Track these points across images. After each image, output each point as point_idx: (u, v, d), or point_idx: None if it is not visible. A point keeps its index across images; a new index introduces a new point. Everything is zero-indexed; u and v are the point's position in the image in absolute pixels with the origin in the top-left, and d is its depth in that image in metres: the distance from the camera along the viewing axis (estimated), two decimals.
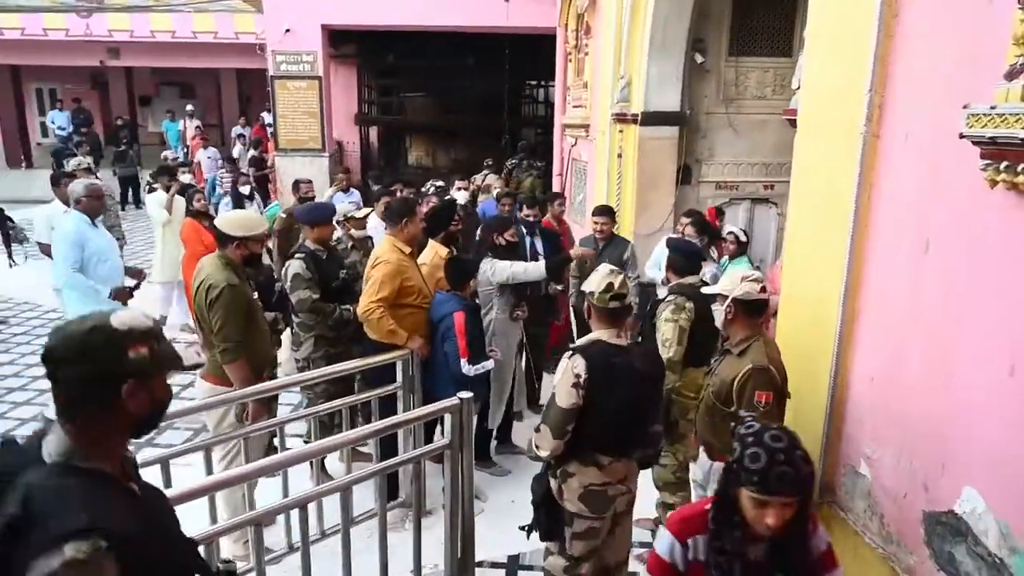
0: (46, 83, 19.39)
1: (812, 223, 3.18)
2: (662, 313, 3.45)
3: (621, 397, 2.50)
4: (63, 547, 1.13)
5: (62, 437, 1.28)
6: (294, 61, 10.59)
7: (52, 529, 1.15)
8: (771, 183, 6.79)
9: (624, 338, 2.61)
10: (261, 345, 3.50)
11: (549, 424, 2.55)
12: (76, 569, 1.13)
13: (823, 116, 3.08)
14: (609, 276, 2.59)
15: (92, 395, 1.28)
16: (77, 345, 1.26)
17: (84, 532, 1.15)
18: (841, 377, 2.98)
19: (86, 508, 1.20)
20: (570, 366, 2.52)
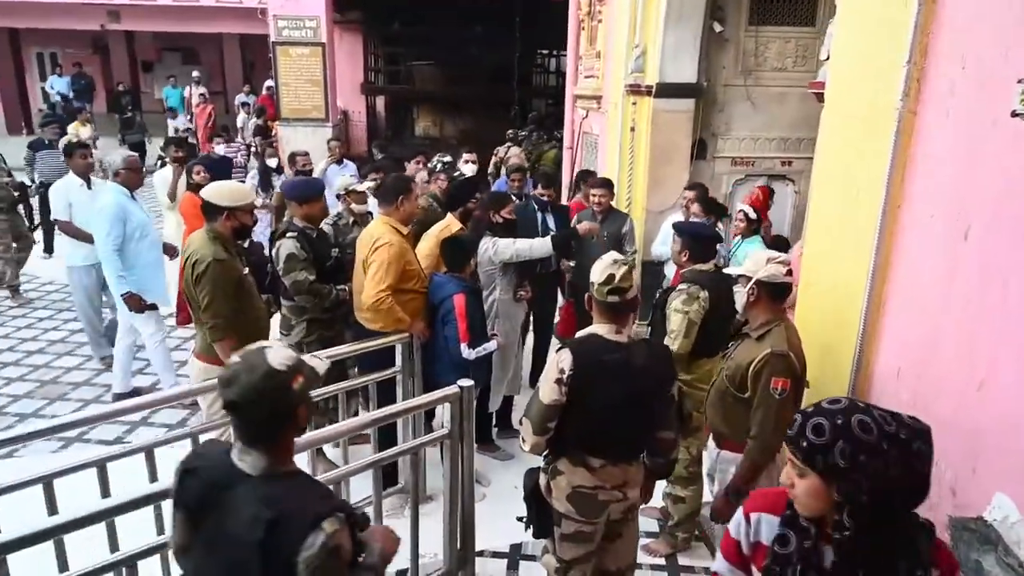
0: (47, 48, 19.13)
1: (837, 205, 2.99)
2: (672, 302, 3.27)
3: (610, 397, 2.31)
4: (322, 524, 1.50)
5: (260, 455, 1.58)
6: (296, 26, 10.25)
7: (308, 516, 1.51)
8: (789, 159, 6.55)
9: (625, 334, 2.41)
10: (255, 322, 3.36)
11: (530, 418, 2.40)
12: (336, 536, 1.51)
13: (854, 90, 2.86)
14: (611, 267, 2.37)
15: (276, 425, 1.59)
16: (256, 393, 1.53)
17: (329, 511, 1.54)
18: (864, 369, 2.81)
19: (320, 497, 1.61)
20: (556, 360, 2.37)
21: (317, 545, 1.48)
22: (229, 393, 1.53)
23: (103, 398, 5.01)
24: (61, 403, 4.95)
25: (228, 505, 1.55)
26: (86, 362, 5.61)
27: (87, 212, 5.02)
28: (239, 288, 3.23)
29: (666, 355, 2.52)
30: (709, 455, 3.01)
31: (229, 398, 1.53)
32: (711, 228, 4.32)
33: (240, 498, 1.54)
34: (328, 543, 1.49)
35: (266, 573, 1.50)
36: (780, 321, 2.68)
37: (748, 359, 2.66)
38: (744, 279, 2.76)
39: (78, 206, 5.19)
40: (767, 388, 2.58)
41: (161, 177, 6.59)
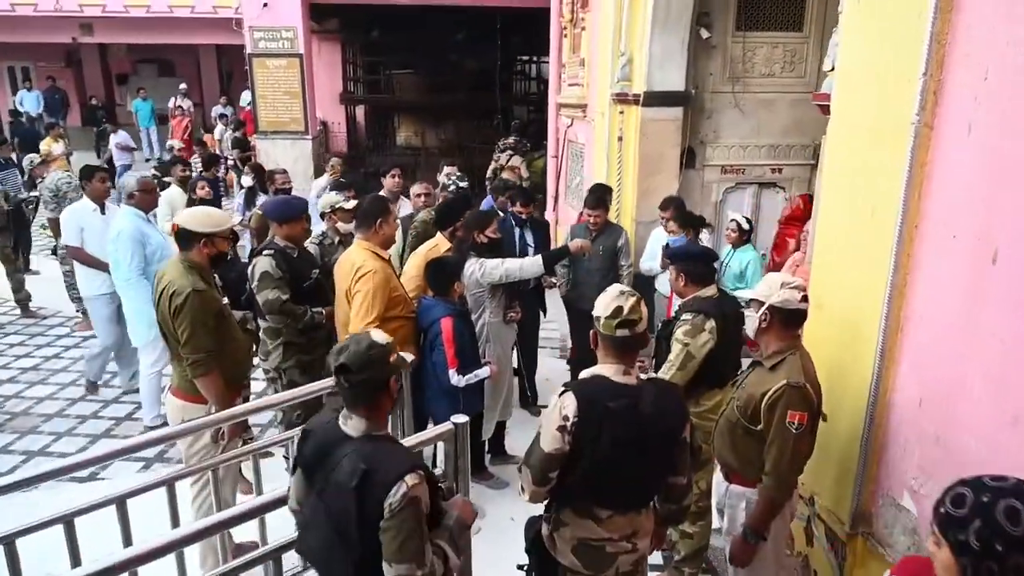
0: (19, 61, 18.66)
1: (848, 222, 2.84)
2: (676, 332, 3.07)
3: (618, 446, 2.12)
4: (405, 478, 1.80)
5: (359, 419, 1.91)
6: (272, 38, 9.99)
7: (393, 471, 1.81)
8: (779, 166, 6.44)
9: (634, 374, 2.21)
10: (235, 355, 3.16)
11: (530, 467, 2.20)
12: (415, 489, 1.81)
13: (864, 103, 2.72)
14: (618, 299, 2.17)
15: (375, 390, 1.92)
16: (363, 359, 1.87)
17: (411, 468, 1.83)
18: (882, 397, 2.66)
19: (404, 457, 1.92)
20: (559, 405, 2.16)
21: (399, 494, 1.78)
22: (340, 357, 1.87)
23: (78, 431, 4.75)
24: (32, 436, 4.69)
25: (334, 461, 1.88)
26: (58, 391, 5.34)
27: (100, 238, 4.80)
28: (220, 320, 3.02)
29: (678, 397, 2.33)
30: (717, 489, 2.84)
31: (340, 362, 1.86)
32: (702, 246, 4.18)
33: (343, 454, 1.87)
34: (408, 493, 1.79)
35: (360, 515, 1.82)
36: (795, 349, 2.52)
37: (761, 390, 2.50)
38: (756, 303, 2.59)
39: (91, 232, 4.90)
40: (783, 422, 2.42)
41: (167, 199, 6.26)
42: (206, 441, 3.00)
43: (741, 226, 4.92)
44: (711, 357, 3.01)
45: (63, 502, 2.47)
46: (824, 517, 3.00)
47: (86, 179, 5.12)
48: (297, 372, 3.62)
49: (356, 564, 1.87)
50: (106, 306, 4.93)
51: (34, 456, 4.43)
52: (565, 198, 8.87)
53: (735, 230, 4.91)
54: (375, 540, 1.83)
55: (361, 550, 1.84)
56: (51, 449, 4.52)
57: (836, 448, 2.87)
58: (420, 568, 1.83)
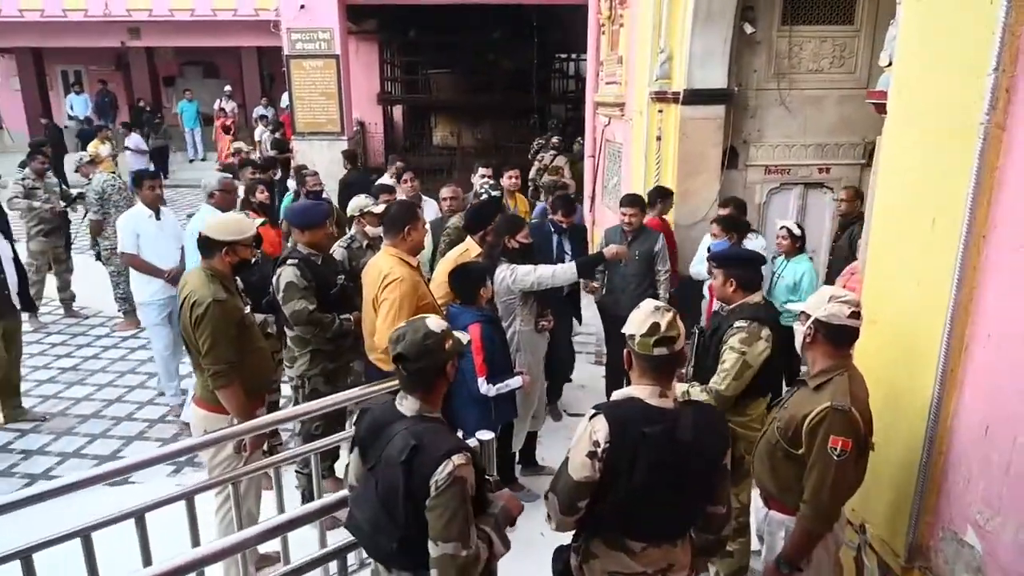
0: (71, 66, 19.25)
1: (906, 231, 2.62)
2: (729, 339, 2.91)
3: (653, 475, 1.96)
4: (452, 457, 1.86)
5: (414, 400, 2.01)
6: (309, 39, 10.02)
7: (441, 449, 1.88)
8: (826, 166, 6.16)
9: (671, 396, 2.05)
10: (258, 365, 3.11)
11: (558, 494, 2.05)
12: (461, 469, 1.86)
13: (925, 101, 2.50)
14: (654, 315, 2.01)
15: (432, 376, 2.02)
16: (419, 348, 1.97)
17: (458, 448, 1.90)
18: (942, 422, 2.45)
19: (453, 437, 2.01)
20: (589, 430, 2.00)
21: (445, 472, 1.84)
22: (398, 347, 1.97)
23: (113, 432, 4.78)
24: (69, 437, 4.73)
25: (387, 437, 1.96)
26: (95, 392, 5.39)
27: (155, 244, 4.87)
28: (241, 329, 2.96)
29: (719, 421, 2.16)
30: (757, 514, 2.66)
31: (397, 351, 1.97)
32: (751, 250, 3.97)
33: (396, 431, 1.95)
34: (454, 472, 1.84)
35: (408, 488, 1.88)
36: (844, 369, 2.33)
37: (804, 411, 2.31)
38: (803, 316, 2.41)
39: (146, 238, 4.88)
40: (824, 447, 2.23)
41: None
42: (229, 452, 2.94)
43: (793, 233, 4.62)
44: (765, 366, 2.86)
45: (86, 509, 2.44)
46: (877, 548, 2.79)
47: (136, 187, 5.12)
48: (321, 380, 3.54)
49: (400, 541, 1.94)
50: (159, 312, 4.91)
51: (69, 458, 4.47)
52: (602, 199, 8.68)
53: (786, 237, 4.62)
54: (420, 517, 1.88)
55: (406, 526, 1.91)
56: (85, 451, 4.55)
57: (890, 474, 2.65)
58: (465, 548, 1.87)
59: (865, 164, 6.05)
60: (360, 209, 4.33)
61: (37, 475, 4.24)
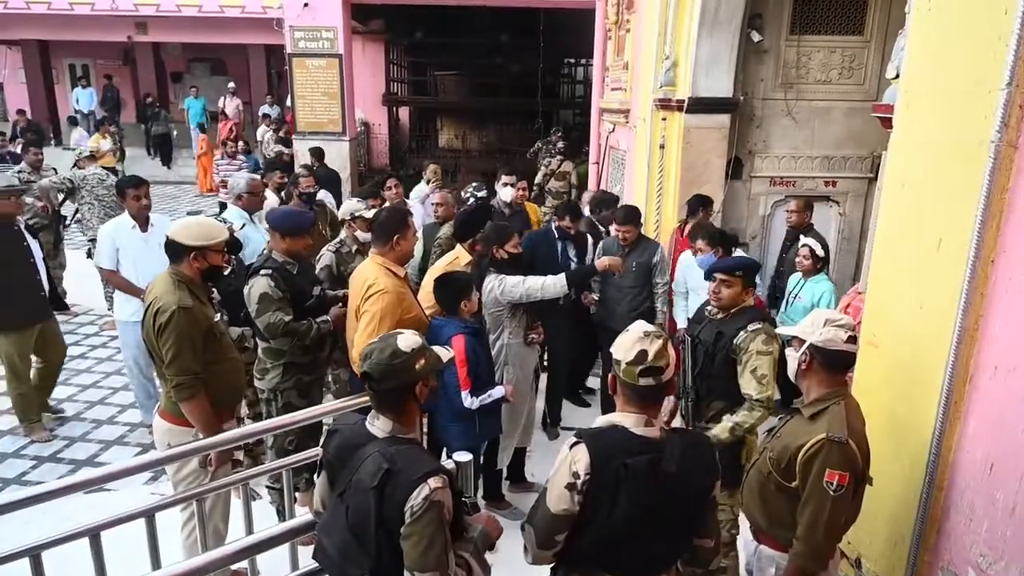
0: (78, 59, 19.25)
1: (910, 252, 2.48)
2: (749, 345, 2.84)
3: (636, 510, 1.82)
4: (428, 480, 1.74)
5: (386, 420, 1.88)
6: (313, 38, 9.90)
7: (417, 471, 1.76)
8: (833, 179, 6.01)
9: (657, 425, 1.91)
10: (228, 376, 2.97)
11: (534, 527, 1.92)
12: (438, 492, 1.74)
13: (933, 116, 2.36)
14: (642, 341, 1.87)
15: (401, 397, 1.90)
16: (386, 368, 1.85)
17: (435, 471, 1.78)
18: (944, 456, 2.31)
19: (429, 459, 1.90)
20: (569, 460, 1.87)
21: (421, 496, 1.72)
22: (364, 365, 1.87)
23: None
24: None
25: (358, 460, 1.84)
26: (78, 393, 5.29)
27: (138, 259, 4.38)
28: (209, 338, 2.83)
29: (708, 451, 2.02)
30: (746, 548, 2.52)
31: (364, 370, 1.87)
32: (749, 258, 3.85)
33: (368, 454, 1.83)
34: (431, 496, 1.73)
35: (380, 515, 1.76)
36: (840, 398, 2.19)
37: (798, 442, 2.18)
38: (797, 341, 2.28)
39: (127, 252, 4.40)
40: (819, 482, 2.09)
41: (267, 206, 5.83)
42: (194, 467, 2.82)
43: (815, 253, 4.37)
44: None
45: (44, 524, 2.33)
46: None
47: (120, 196, 4.69)
48: (295, 394, 3.39)
49: (371, 571, 1.81)
50: (132, 333, 4.32)
51: (44, 462, 4.35)
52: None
53: (808, 257, 4.37)
54: (393, 546, 1.78)
55: (378, 556, 1.79)
56: (62, 455, 4.44)
57: (888, 508, 2.51)
58: None
59: (872, 178, 5.90)
60: (351, 213, 4.21)
61: (11, 479, 4.14)
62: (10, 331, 4.42)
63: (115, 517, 2.43)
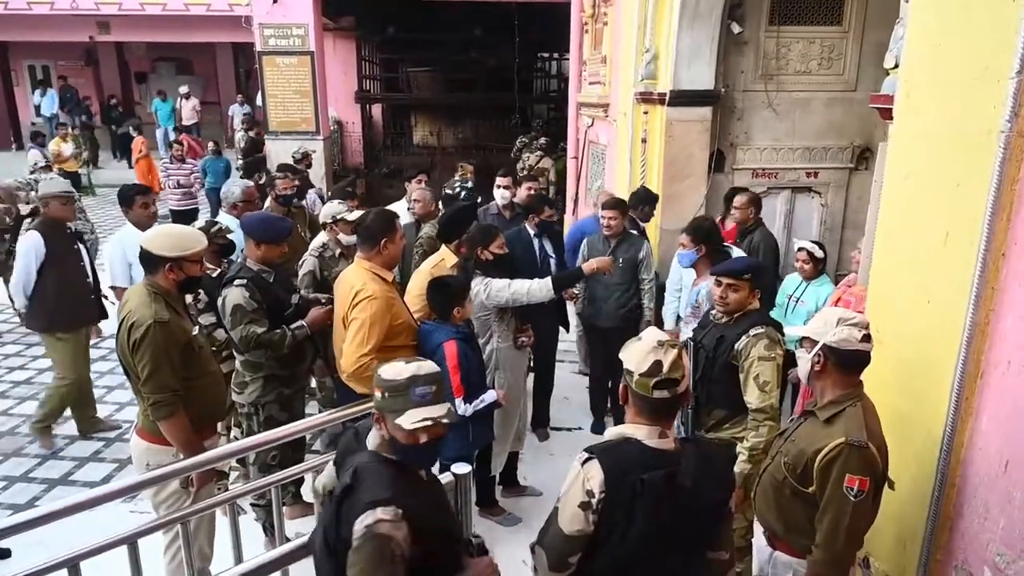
0: (39, 60, 18.70)
1: (915, 247, 2.43)
2: (750, 350, 2.75)
3: (652, 527, 1.74)
4: (376, 509, 1.63)
5: (376, 435, 1.81)
6: (283, 35, 9.66)
7: (368, 496, 1.66)
8: (814, 170, 6.00)
9: (671, 437, 1.82)
10: (209, 391, 2.83)
11: (546, 549, 1.81)
12: (383, 525, 1.61)
13: (937, 106, 2.31)
14: (656, 351, 1.77)
15: None
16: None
17: (386, 501, 1.64)
18: (955, 453, 2.26)
19: (390, 487, 1.70)
20: (582, 477, 1.77)
21: (363, 524, 1.61)
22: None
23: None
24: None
25: (347, 467, 1.78)
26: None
27: None
28: (188, 352, 2.68)
29: (724, 461, 1.94)
30: (759, 553, 2.46)
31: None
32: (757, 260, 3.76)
33: (352, 463, 1.77)
34: (373, 527, 1.59)
35: (337, 531, 1.69)
36: (856, 399, 2.13)
37: (815, 446, 2.11)
38: (808, 342, 2.21)
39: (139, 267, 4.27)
40: (839, 487, 2.03)
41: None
42: (174, 487, 2.67)
43: (814, 255, 4.13)
44: None
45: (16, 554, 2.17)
46: None
47: (126, 205, 4.42)
48: (276, 407, 3.26)
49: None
50: None
51: (16, 482, 4.15)
52: (585, 202, 8.48)
53: (807, 260, 4.16)
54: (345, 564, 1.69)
55: (338, 570, 1.71)
56: (34, 474, 4.23)
57: (898, 507, 2.46)
58: None
59: (854, 168, 5.92)
60: (333, 216, 4.06)
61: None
62: (68, 332, 4.42)
63: (95, 546, 2.29)
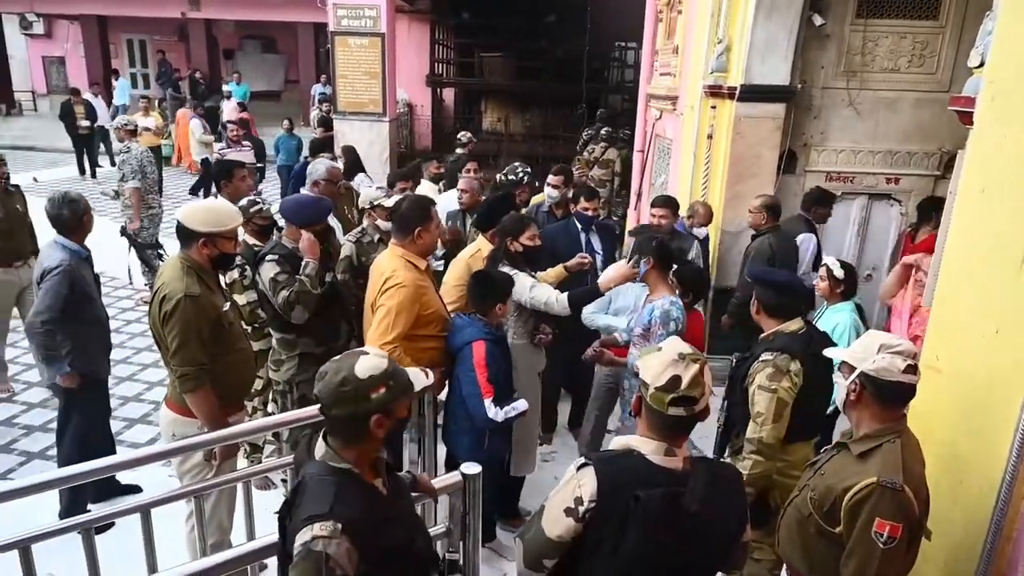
0: (135, 35, 19.67)
1: (986, 267, 2.18)
2: (755, 376, 2.55)
3: (646, 550, 1.61)
4: (313, 525, 1.52)
5: (322, 443, 1.69)
6: (356, 16, 9.76)
7: (305, 512, 1.56)
8: (895, 176, 5.60)
9: (681, 455, 1.68)
10: (237, 368, 2.86)
11: (525, 543, 1.74)
12: (321, 542, 1.50)
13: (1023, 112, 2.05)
14: (675, 365, 1.64)
15: (350, 428, 1.66)
16: (334, 396, 1.62)
17: (323, 516, 1.53)
18: (1014, 502, 2.02)
19: (330, 499, 1.57)
20: (574, 482, 1.68)
21: (300, 541, 1.53)
22: (316, 387, 1.67)
23: None
24: None
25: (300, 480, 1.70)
26: None
27: None
28: (217, 328, 2.71)
29: (738, 488, 1.79)
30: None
31: (314, 391, 1.68)
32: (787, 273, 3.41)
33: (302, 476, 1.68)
34: (309, 544, 1.51)
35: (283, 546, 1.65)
36: (896, 435, 1.93)
37: (845, 484, 1.92)
38: (846, 367, 2.01)
39: None
40: (867, 531, 1.84)
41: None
42: (199, 459, 2.71)
43: (833, 274, 3.58)
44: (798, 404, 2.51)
45: (27, 517, 2.25)
46: None
47: (224, 178, 4.45)
48: (310, 387, 3.25)
49: None
50: None
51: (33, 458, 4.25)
52: (648, 196, 8.23)
53: (824, 277, 3.64)
54: None
55: None
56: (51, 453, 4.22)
57: (944, 554, 2.24)
58: None
59: (940, 176, 5.48)
60: (371, 202, 4.03)
61: (34, 453, 4.15)
62: None
63: (112, 512, 2.35)
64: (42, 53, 19.98)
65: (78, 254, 3.40)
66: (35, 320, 3.30)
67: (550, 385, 4.49)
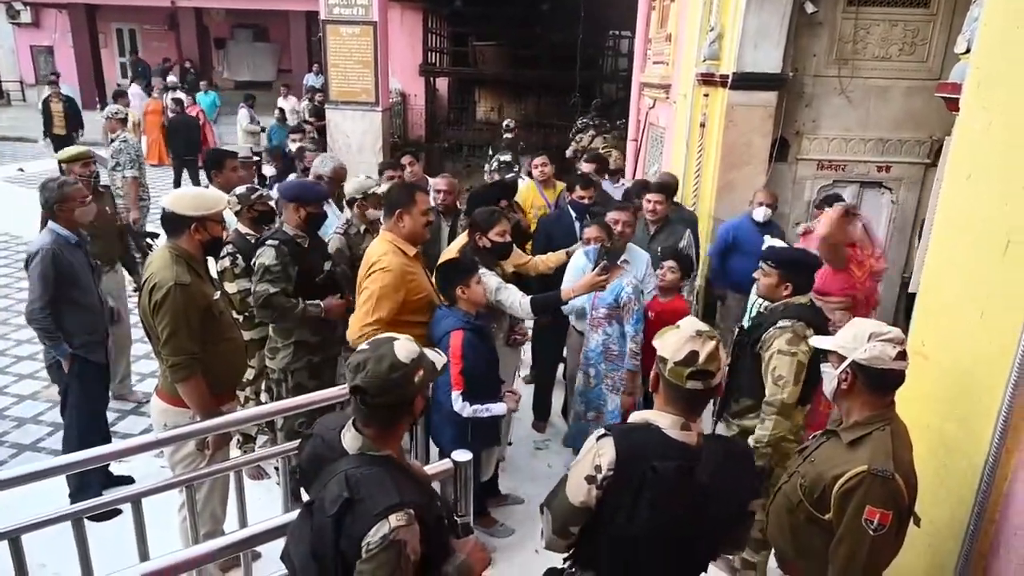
0: (125, 24, 19.49)
1: (971, 253, 2.20)
2: (773, 342, 2.69)
3: (659, 519, 1.67)
4: (389, 517, 1.54)
5: (356, 436, 1.67)
6: (347, 4, 9.67)
7: (378, 505, 1.55)
8: (887, 164, 5.61)
9: (695, 430, 1.75)
10: (228, 357, 2.85)
11: (552, 511, 1.82)
12: (400, 531, 1.54)
13: (1011, 98, 2.05)
14: (693, 341, 1.70)
15: (395, 413, 1.68)
16: (383, 384, 1.62)
17: (398, 506, 1.56)
18: (996, 485, 2.05)
19: (395, 489, 1.59)
20: (594, 451, 1.75)
21: (379, 535, 1.53)
22: (357, 380, 1.63)
23: None
24: None
25: (327, 476, 1.66)
26: None
27: None
28: (208, 317, 2.71)
29: (749, 460, 1.85)
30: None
31: (356, 384, 1.63)
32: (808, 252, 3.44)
33: (335, 472, 1.64)
34: (389, 535, 1.53)
35: (337, 546, 1.59)
36: (885, 422, 1.94)
37: (835, 472, 1.94)
38: (835, 356, 2.03)
39: None
40: (857, 518, 1.86)
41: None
42: (191, 449, 2.72)
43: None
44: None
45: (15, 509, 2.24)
46: None
47: (215, 168, 4.37)
48: (305, 375, 3.29)
49: None
50: None
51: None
52: None
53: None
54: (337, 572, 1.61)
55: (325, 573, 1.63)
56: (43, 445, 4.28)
57: (927, 537, 2.26)
58: None
59: (930, 164, 5.50)
60: (362, 192, 3.97)
61: (26, 445, 4.14)
62: None
63: (104, 500, 2.35)
64: (30, 42, 19.81)
65: (66, 239, 3.38)
66: (33, 308, 3.30)
67: (544, 373, 4.55)
